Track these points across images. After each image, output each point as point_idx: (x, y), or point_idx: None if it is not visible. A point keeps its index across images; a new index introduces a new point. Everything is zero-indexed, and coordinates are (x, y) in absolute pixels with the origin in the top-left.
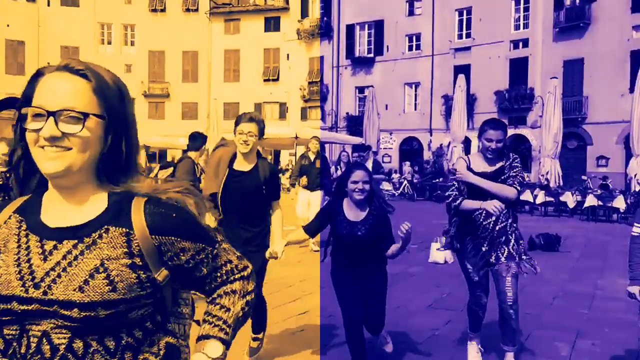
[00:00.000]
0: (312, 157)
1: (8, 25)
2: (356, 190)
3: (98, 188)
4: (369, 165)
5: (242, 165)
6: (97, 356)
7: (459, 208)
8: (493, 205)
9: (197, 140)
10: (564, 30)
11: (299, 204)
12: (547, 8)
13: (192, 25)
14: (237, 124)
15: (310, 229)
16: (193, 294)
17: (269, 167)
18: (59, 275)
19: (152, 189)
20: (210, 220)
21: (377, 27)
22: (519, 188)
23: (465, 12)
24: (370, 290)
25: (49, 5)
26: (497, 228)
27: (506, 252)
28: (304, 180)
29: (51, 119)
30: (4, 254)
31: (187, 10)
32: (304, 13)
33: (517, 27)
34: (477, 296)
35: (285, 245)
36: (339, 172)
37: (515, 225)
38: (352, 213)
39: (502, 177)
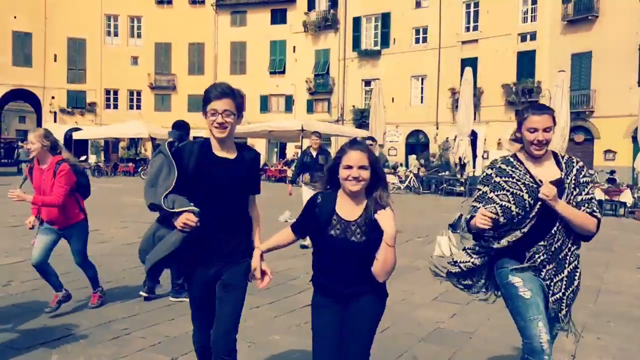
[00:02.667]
0: (314, 153)
1: (15, 17)
2: (349, 178)
3: None
4: None
5: (223, 152)
6: None
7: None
8: (480, 220)
9: (181, 128)
10: (572, 23)
11: (304, 202)
12: (555, 1)
13: (198, 17)
14: (206, 101)
15: (298, 228)
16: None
17: (251, 151)
18: None
19: None
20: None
21: (384, 19)
22: (599, 217)
23: (472, 4)
24: (354, 326)
25: None
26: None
27: (559, 289)
28: (306, 177)
29: None
30: None
31: (194, 2)
32: (311, 5)
33: (524, 20)
34: (533, 333)
35: (266, 251)
36: None
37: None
38: (345, 209)
39: (564, 195)
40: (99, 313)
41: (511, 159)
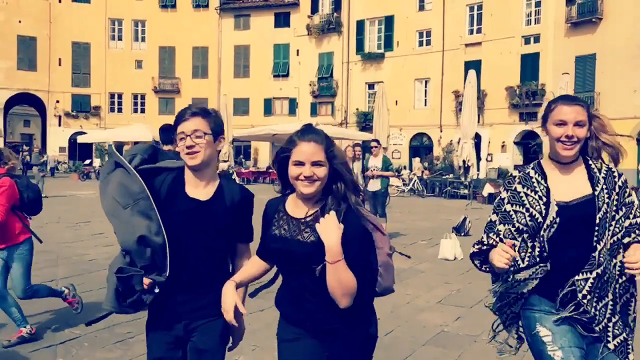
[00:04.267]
0: None
1: (20, 22)
2: (301, 177)
3: None
4: (379, 161)
5: (197, 189)
6: None
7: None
8: (498, 258)
9: (168, 132)
10: (576, 26)
11: None
12: (558, 3)
13: (202, 21)
14: (176, 122)
15: (262, 251)
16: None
17: (239, 191)
18: None
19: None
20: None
21: (388, 22)
22: None
23: (476, 7)
24: None
25: (60, 1)
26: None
27: (619, 329)
28: None
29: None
30: None
31: (197, 6)
32: (314, 8)
33: (528, 23)
34: None
35: (240, 285)
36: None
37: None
38: (295, 207)
39: (603, 214)
40: None
41: (532, 173)
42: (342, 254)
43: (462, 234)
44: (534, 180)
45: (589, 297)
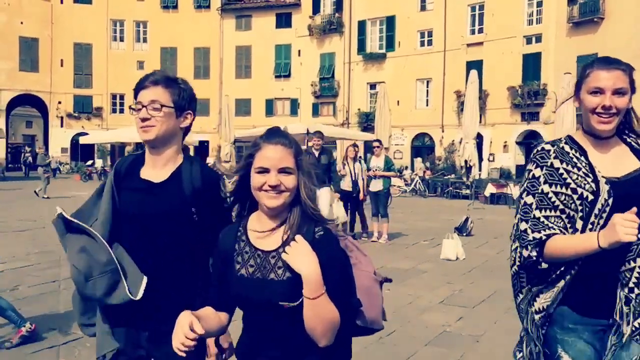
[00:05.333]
0: (315, 153)
1: (22, 23)
2: (265, 187)
3: None
4: (381, 162)
5: (153, 170)
6: None
7: (542, 259)
8: (625, 231)
9: None
10: (578, 25)
11: None
12: (560, 3)
13: (203, 21)
14: (135, 91)
15: (218, 300)
16: None
17: (203, 173)
18: None
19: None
20: None
21: (389, 22)
22: None
23: (477, 7)
24: None
25: (62, 2)
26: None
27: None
28: None
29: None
30: None
31: (199, 6)
32: (316, 9)
33: (530, 22)
34: None
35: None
36: (346, 169)
37: None
38: (261, 235)
39: None
40: None
41: (567, 147)
42: (323, 286)
43: (464, 234)
44: (571, 155)
45: (637, 290)
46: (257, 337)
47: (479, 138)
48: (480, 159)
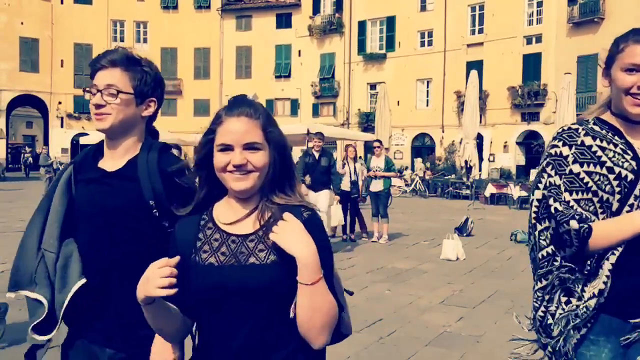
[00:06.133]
0: (316, 154)
1: (22, 23)
2: (230, 168)
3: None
4: (381, 162)
5: (110, 160)
6: None
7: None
8: None
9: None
10: (578, 25)
11: None
12: (560, 3)
13: (203, 22)
14: (92, 71)
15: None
16: None
17: (161, 161)
18: None
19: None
20: None
21: (389, 23)
22: None
23: (477, 7)
24: None
25: (62, 3)
26: None
27: None
28: (307, 179)
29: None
30: None
31: (199, 7)
32: (316, 9)
33: (530, 23)
34: None
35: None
36: (345, 169)
37: None
38: (232, 219)
39: None
40: None
41: (596, 127)
42: (321, 269)
43: (465, 235)
44: (604, 133)
45: None
46: (221, 342)
47: (479, 138)
48: (481, 159)
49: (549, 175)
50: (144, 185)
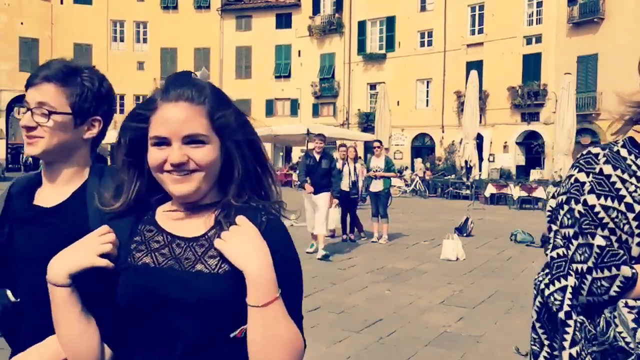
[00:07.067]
0: (316, 156)
1: (22, 23)
2: (167, 168)
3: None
4: (381, 162)
5: (49, 192)
6: None
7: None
8: None
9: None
10: (578, 26)
11: (306, 211)
12: (560, 3)
13: (203, 22)
14: (26, 87)
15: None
16: None
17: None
18: None
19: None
20: None
21: (389, 23)
22: None
23: (477, 7)
24: None
25: (62, 3)
26: None
27: None
28: (308, 187)
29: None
30: None
31: (199, 7)
32: (316, 9)
33: (530, 23)
34: None
35: None
36: (345, 169)
37: None
38: (178, 222)
39: None
40: None
41: (624, 151)
42: (277, 288)
43: (465, 235)
44: (629, 161)
45: None
46: None
47: (479, 138)
48: (481, 159)
49: (572, 205)
50: (93, 220)
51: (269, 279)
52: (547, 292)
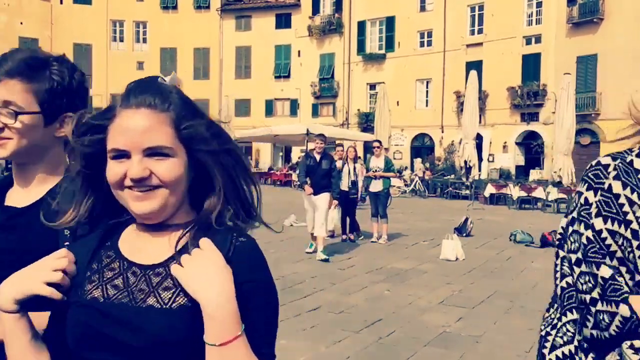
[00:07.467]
0: (317, 157)
1: (22, 23)
2: (128, 184)
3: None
4: (381, 162)
5: (21, 193)
6: None
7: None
8: None
9: None
10: (577, 26)
11: (308, 213)
12: (560, 3)
13: (203, 22)
14: None
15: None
16: None
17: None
18: None
19: None
20: None
21: (389, 23)
22: None
23: (477, 7)
24: None
25: (61, 3)
26: None
27: None
28: (308, 189)
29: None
30: None
31: (199, 7)
32: (315, 9)
33: (529, 23)
34: None
35: None
36: (345, 169)
37: None
38: (138, 246)
39: None
40: None
41: (637, 162)
42: (240, 324)
43: (464, 235)
44: None
45: None
46: None
47: (479, 138)
48: (480, 159)
49: (581, 231)
50: (61, 232)
51: (229, 313)
52: (559, 325)
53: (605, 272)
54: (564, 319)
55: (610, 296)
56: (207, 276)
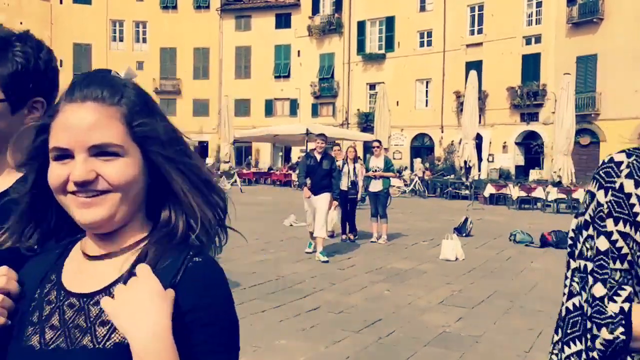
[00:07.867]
0: (317, 157)
1: (21, 23)
2: (69, 189)
3: None
4: (380, 162)
5: None
6: None
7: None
8: None
9: None
10: (577, 26)
11: (306, 212)
12: (559, 3)
13: (203, 22)
14: None
15: None
16: None
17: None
18: None
19: None
20: None
21: (389, 23)
22: None
23: (477, 7)
24: None
25: (61, 2)
26: None
27: None
28: (306, 192)
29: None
30: None
31: (198, 7)
32: (315, 9)
33: (529, 23)
34: None
35: None
36: (345, 169)
37: None
38: (80, 271)
39: None
40: None
41: None
42: None
43: (464, 235)
44: None
45: None
46: None
47: (479, 138)
48: (480, 159)
49: (594, 239)
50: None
51: (160, 351)
52: (563, 357)
53: (598, 290)
54: (567, 351)
55: (593, 317)
56: (137, 309)
